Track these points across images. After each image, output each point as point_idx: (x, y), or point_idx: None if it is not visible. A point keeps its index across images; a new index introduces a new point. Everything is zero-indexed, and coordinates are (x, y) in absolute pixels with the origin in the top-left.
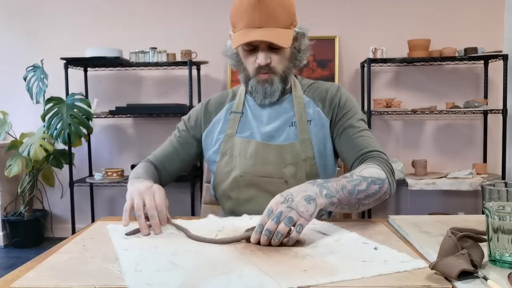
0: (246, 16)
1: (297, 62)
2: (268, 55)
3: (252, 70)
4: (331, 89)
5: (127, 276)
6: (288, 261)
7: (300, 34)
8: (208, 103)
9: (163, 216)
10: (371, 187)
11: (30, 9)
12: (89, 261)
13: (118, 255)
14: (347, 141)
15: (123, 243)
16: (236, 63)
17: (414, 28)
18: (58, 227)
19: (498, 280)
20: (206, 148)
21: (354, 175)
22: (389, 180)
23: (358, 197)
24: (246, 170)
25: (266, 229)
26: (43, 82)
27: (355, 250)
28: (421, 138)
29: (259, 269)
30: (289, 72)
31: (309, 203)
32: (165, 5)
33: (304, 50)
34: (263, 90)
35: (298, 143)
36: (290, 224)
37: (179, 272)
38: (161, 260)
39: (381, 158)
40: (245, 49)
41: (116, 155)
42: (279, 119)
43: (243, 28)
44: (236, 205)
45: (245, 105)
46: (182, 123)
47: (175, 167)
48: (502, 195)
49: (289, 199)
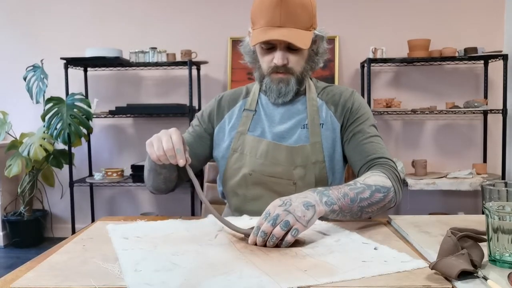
0: (267, 14)
1: (314, 65)
2: (285, 55)
3: (266, 68)
4: (344, 93)
5: (127, 276)
6: (288, 261)
7: (319, 37)
8: (222, 98)
9: (181, 154)
10: (375, 195)
11: (30, 9)
12: (89, 261)
13: (118, 255)
14: (355, 146)
15: (123, 243)
16: (252, 60)
17: (414, 28)
18: (58, 227)
19: (498, 280)
20: (217, 143)
21: (357, 183)
22: (395, 189)
23: (360, 205)
24: (256, 168)
25: (261, 231)
26: (43, 82)
27: (355, 250)
28: (421, 138)
29: (259, 269)
30: (306, 74)
31: (307, 209)
32: (165, 5)
33: (321, 53)
34: (278, 90)
35: (309, 146)
36: (286, 228)
37: (179, 272)
38: (161, 260)
39: (388, 165)
40: (263, 47)
41: (116, 155)
42: (291, 120)
43: (263, 26)
44: (242, 202)
45: (258, 103)
46: (196, 119)
47: (191, 164)
48: (502, 195)
49: (287, 203)
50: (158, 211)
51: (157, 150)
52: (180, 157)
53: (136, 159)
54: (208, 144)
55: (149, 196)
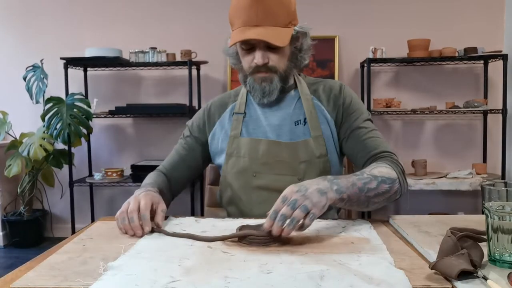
0: (243, 14)
1: (298, 62)
2: (266, 54)
3: (248, 68)
4: (334, 87)
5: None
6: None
7: (301, 34)
8: (210, 106)
9: (145, 220)
10: (381, 186)
11: (30, 9)
12: (89, 261)
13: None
14: (356, 143)
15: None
16: (236, 62)
17: (414, 28)
18: (58, 227)
19: (497, 280)
20: (214, 151)
21: (364, 174)
22: (400, 180)
23: (367, 195)
24: (259, 169)
25: (281, 214)
26: (42, 82)
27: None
28: (421, 138)
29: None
30: (290, 72)
31: (322, 195)
32: (165, 5)
33: (305, 50)
34: (261, 89)
35: (312, 140)
36: (306, 212)
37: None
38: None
39: (392, 158)
40: (243, 47)
41: (116, 155)
42: (282, 117)
43: (240, 26)
44: (248, 207)
45: (247, 105)
46: (187, 130)
47: (183, 175)
48: (502, 195)
49: (303, 189)
50: None
51: (119, 214)
52: (144, 224)
53: (136, 159)
54: (199, 155)
55: None
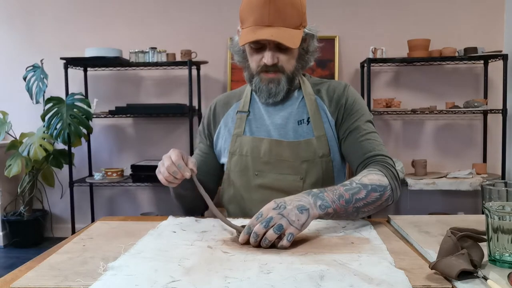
0: (256, 13)
1: (304, 63)
2: (275, 54)
3: (255, 67)
4: (338, 88)
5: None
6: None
7: (310, 35)
8: (215, 105)
9: (183, 167)
10: (371, 194)
11: (30, 9)
12: (89, 261)
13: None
14: (352, 144)
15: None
16: (242, 60)
17: (414, 28)
18: (58, 227)
19: (498, 280)
20: (219, 150)
21: (353, 183)
22: (392, 187)
23: (356, 206)
24: (261, 168)
25: (254, 232)
26: (43, 82)
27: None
28: (421, 138)
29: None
30: (296, 73)
31: (301, 213)
32: (165, 5)
33: (312, 52)
34: (268, 90)
35: (315, 140)
36: (279, 232)
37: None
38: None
39: (386, 163)
40: (252, 46)
41: (116, 155)
42: (286, 117)
43: (251, 25)
44: (249, 206)
45: (252, 104)
46: (198, 135)
47: (210, 181)
48: (502, 195)
49: (281, 206)
50: (158, 211)
51: (162, 173)
52: (183, 170)
53: (136, 159)
54: (214, 157)
55: (149, 196)
